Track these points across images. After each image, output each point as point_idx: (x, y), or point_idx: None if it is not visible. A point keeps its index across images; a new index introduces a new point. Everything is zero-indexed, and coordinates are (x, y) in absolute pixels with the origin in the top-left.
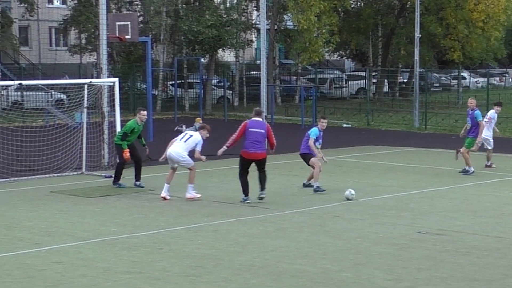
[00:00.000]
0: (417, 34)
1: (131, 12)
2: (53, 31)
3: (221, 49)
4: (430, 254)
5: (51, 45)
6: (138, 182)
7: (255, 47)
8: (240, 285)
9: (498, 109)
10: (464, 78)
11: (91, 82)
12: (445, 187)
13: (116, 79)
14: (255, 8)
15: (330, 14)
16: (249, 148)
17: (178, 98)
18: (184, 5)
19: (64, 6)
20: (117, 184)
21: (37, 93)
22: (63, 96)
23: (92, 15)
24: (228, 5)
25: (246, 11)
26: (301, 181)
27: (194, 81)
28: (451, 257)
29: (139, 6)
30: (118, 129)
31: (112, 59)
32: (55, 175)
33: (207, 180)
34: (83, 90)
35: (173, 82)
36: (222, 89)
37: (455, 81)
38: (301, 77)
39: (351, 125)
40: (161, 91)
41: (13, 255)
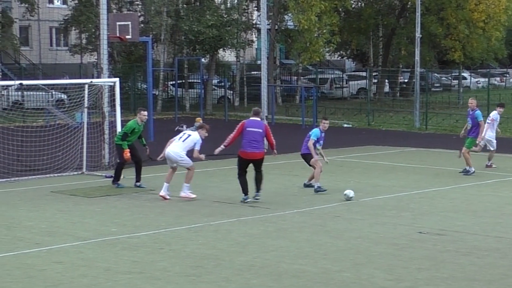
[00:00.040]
0: (418, 34)
1: (131, 12)
2: (54, 31)
3: (221, 49)
4: (430, 254)
5: (51, 45)
6: (138, 183)
7: (256, 47)
8: (240, 285)
9: (500, 110)
10: (464, 78)
11: (91, 82)
12: (445, 187)
13: (116, 79)
14: (256, 8)
15: (330, 14)
16: (247, 147)
17: (178, 98)
18: (184, 5)
19: (64, 6)
20: (116, 184)
21: (38, 93)
22: (64, 96)
23: (92, 15)
24: (228, 5)
25: (246, 11)
26: (301, 181)
27: (194, 81)
28: (451, 257)
29: (140, 6)
30: (118, 129)
31: (112, 59)
32: (56, 175)
33: (207, 180)
34: (84, 90)
35: (174, 82)
36: (222, 89)
37: (456, 81)
38: (302, 77)
39: (351, 125)
40: (162, 91)
41: (14, 255)
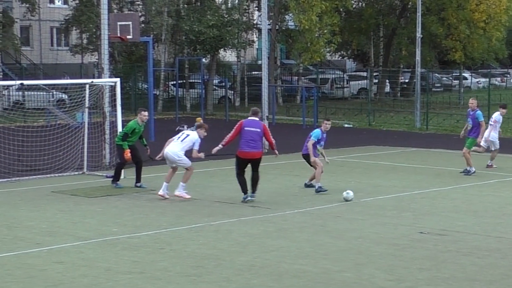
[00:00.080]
0: (419, 34)
1: (132, 12)
2: (55, 31)
3: (222, 49)
4: (431, 254)
5: (52, 45)
6: (138, 183)
7: (257, 47)
8: (241, 285)
9: (503, 111)
10: (465, 78)
11: (92, 82)
12: (446, 187)
13: (117, 79)
14: (257, 8)
15: (331, 14)
16: (245, 147)
17: (179, 98)
18: (185, 5)
19: (65, 6)
20: (115, 183)
21: (39, 93)
22: (65, 96)
23: (93, 15)
24: (229, 5)
25: (247, 11)
26: (302, 181)
27: (195, 81)
28: (452, 258)
29: (141, 6)
30: (119, 129)
31: (113, 59)
32: (57, 175)
33: (208, 180)
34: (85, 90)
35: (175, 82)
36: (223, 89)
37: (457, 82)
38: (303, 77)
39: (352, 125)
40: (163, 91)
41: (14, 255)
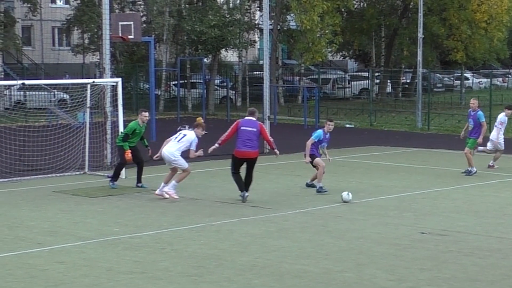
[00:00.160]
0: (420, 34)
1: (134, 12)
2: (56, 31)
3: (224, 49)
4: (432, 254)
5: (54, 45)
6: (139, 183)
7: (258, 47)
8: (242, 285)
9: (508, 112)
10: (467, 78)
11: (94, 82)
12: (447, 187)
13: (119, 79)
14: (258, 8)
15: (333, 14)
16: (241, 146)
17: (180, 98)
18: (187, 5)
19: (67, 6)
20: (112, 183)
21: (40, 93)
22: (66, 96)
23: (95, 15)
24: (231, 5)
25: (249, 11)
26: (303, 181)
27: (197, 81)
28: (453, 258)
29: (142, 6)
30: (121, 129)
31: (115, 59)
32: (58, 175)
33: (209, 180)
34: (86, 90)
35: (176, 82)
36: (225, 89)
37: (458, 82)
38: (304, 78)
39: (354, 125)
40: (164, 91)
41: (15, 254)
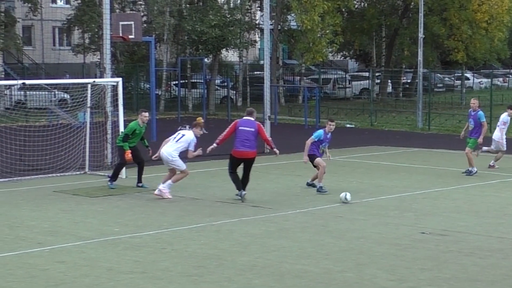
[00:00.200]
0: (421, 34)
1: (134, 12)
2: (57, 30)
3: (224, 49)
4: (433, 254)
5: (54, 44)
6: (140, 183)
7: (259, 47)
8: (242, 285)
9: (511, 112)
10: (467, 78)
11: (94, 81)
12: (448, 187)
13: (119, 79)
14: (259, 8)
15: (333, 14)
16: (239, 146)
17: (181, 98)
18: (187, 5)
19: (67, 5)
20: (111, 183)
21: (41, 93)
22: (67, 95)
23: (95, 15)
24: (231, 5)
25: (249, 11)
26: (304, 181)
27: (197, 81)
28: (454, 258)
29: (143, 6)
30: (121, 129)
31: (115, 58)
32: (58, 174)
33: (209, 179)
34: (87, 89)
35: (177, 82)
36: (225, 89)
37: (459, 82)
38: (305, 77)
39: (354, 125)
40: (165, 91)
41: (16, 254)
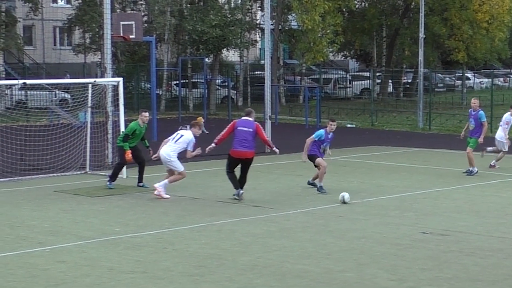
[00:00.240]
0: (422, 34)
1: (135, 11)
2: (58, 30)
3: (225, 49)
4: (433, 254)
5: (55, 44)
6: (141, 183)
7: (260, 47)
8: (243, 285)
9: None
10: (468, 78)
11: (95, 81)
12: (449, 187)
13: (120, 79)
14: (260, 8)
15: (334, 14)
16: (238, 147)
17: (182, 97)
18: (188, 5)
19: (68, 5)
20: (109, 183)
21: (41, 93)
22: (67, 95)
23: (96, 15)
24: (232, 5)
25: (250, 11)
26: (305, 181)
27: (198, 81)
28: (454, 258)
29: (144, 5)
30: (122, 128)
31: (116, 58)
32: (59, 174)
33: (210, 179)
34: (87, 89)
35: (177, 81)
36: (226, 89)
37: (459, 82)
38: (305, 77)
39: (355, 125)
40: (165, 91)
41: (17, 254)
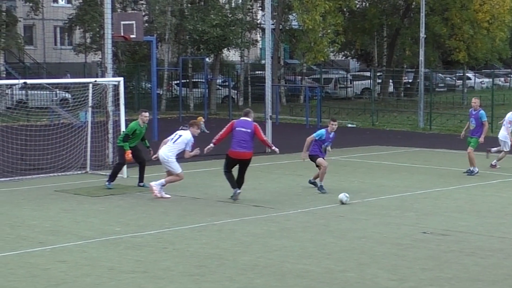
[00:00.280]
0: (422, 34)
1: (136, 11)
2: (58, 30)
3: (226, 49)
4: (434, 254)
5: (56, 44)
6: (141, 183)
7: (260, 46)
8: (244, 284)
9: None
10: (469, 78)
11: (96, 81)
12: (449, 187)
13: (121, 79)
14: (260, 7)
15: (335, 14)
16: (236, 147)
17: (182, 97)
18: (189, 5)
19: (69, 5)
20: (108, 182)
21: (42, 92)
22: (68, 95)
23: (97, 14)
24: (233, 4)
25: (251, 10)
26: (305, 181)
27: (199, 80)
28: (455, 258)
29: (144, 5)
30: (122, 128)
31: (117, 58)
32: (60, 174)
33: (211, 179)
34: (88, 89)
35: (178, 81)
36: (227, 89)
37: (460, 82)
38: (306, 77)
39: (356, 125)
40: (166, 91)
41: (17, 254)
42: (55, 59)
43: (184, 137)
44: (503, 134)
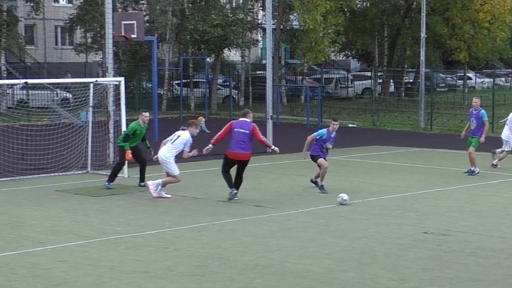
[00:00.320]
0: (423, 34)
1: (137, 11)
2: (59, 30)
3: (227, 49)
4: (435, 254)
5: (56, 44)
6: (142, 183)
7: (261, 46)
8: (244, 284)
9: None
10: (469, 78)
11: (96, 81)
12: (450, 187)
13: (121, 78)
14: (261, 7)
15: (336, 14)
16: (234, 148)
17: (183, 97)
18: (190, 5)
19: (70, 5)
20: (108, 182)
21: (43, 92)
22: (69, 95)
23: (98, 14)
24: (234, 4)
25: (252, 10)
26: (306, 181)
27: (199, 80)
28: (456, 258)
29: (145, 5)
30: (123, 128)
31: (117, 58)
32: (60, 174)
33: (211, 179)
34: (89, 89)
35: (179, 81)
36: (227, 89)
37: (461, 82)
38: (307, 77)
39: (356, 125)
40: (167, 91)
41: (18, 254)
42: (56, 59)
43: (182, 137)
44: (506, 133)
